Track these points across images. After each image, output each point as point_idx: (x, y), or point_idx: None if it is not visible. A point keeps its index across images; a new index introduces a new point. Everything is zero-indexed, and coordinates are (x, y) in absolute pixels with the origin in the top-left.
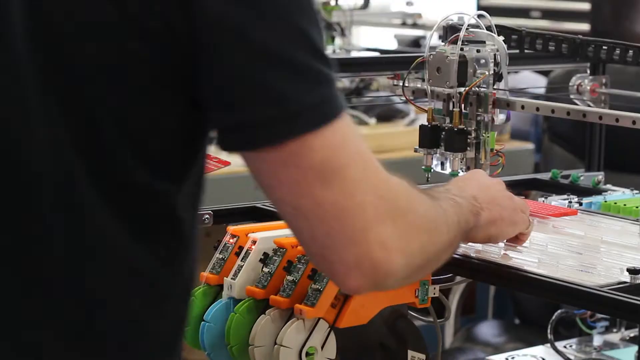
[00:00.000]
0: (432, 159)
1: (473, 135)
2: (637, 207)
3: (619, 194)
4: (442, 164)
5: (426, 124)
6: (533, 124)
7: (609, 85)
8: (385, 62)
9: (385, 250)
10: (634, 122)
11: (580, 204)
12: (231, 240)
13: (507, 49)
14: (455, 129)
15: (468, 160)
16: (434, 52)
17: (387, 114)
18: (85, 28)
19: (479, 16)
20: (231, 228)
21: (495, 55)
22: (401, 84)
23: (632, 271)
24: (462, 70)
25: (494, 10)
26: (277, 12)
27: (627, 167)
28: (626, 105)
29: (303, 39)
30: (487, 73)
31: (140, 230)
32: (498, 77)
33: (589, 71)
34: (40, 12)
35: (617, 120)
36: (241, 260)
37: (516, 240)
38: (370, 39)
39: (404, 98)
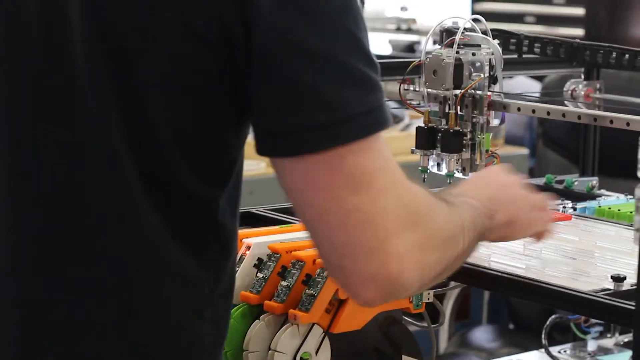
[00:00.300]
0: (428, 159)
1: (469, 136)
2: (631, 213)
3: (613, 199)
4: (438, 164)
5: (423, 125)
6: (528, 129)
7: (603, 90)
8: (381, 68)
9: (402, 264)
10: (627, 124)
11: (575, 209)
12: None
13: (505, 53)
14: (452, 131)
15: (464, 161)
16: (431, 56)
17: None
18: (143, 32)
19: (475, 20)
20: None
21: (490, 58)
22: (411, 88)
23: (616, 279)
24: (458, 73)
25: (489, 16)
26: (329, 16)
27: (621, 172)
28: (621, 109)
29: (354, 44)
30: (482, 76)
31: (185, 235)
32: (493, 80)
33: (583, 76)
34: (101, 15)
35: (611, 122)
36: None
37: (536, 236)
38: None
39: (398, 103)
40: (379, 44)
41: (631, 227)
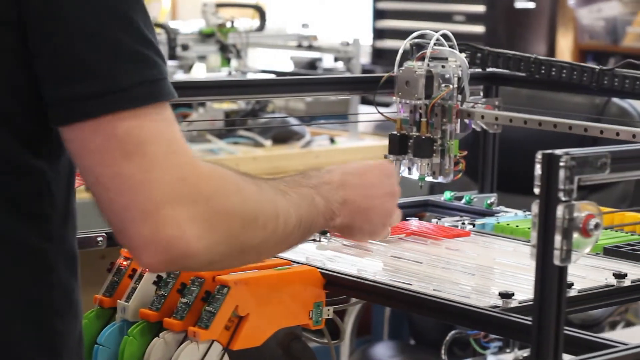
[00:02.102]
0: (400, 164)
1: (439, 142)
2: (528, 229)
3: (511, 216)
4: (409, 169)
5: (395, 133)
6: None
7: (501, 108)
8: (281, 84)
9: (180, 230)
10: (555, 126)
11: (473, 225)
12: (125, 263)
13: (471, 67)
14: (423, 137)
15: (434, 165)
16: (403, 68)
17: (282, 136)
18: None
19: (443, 36)
20: (125, 250)
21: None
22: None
23: (504, 295)
24: (429, 84)
25: (389, 33)
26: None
27: (519, 188)
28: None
29: (127, 23)
30: (451, 87)
31: (18, 205)
32: (460, 90)
33: (482, 93)
34: None
35: (570, 128)
36: (135, 283)
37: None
38: (266, 61)
39: (298, 120)
40: (281, 61)
41: (529, 243)
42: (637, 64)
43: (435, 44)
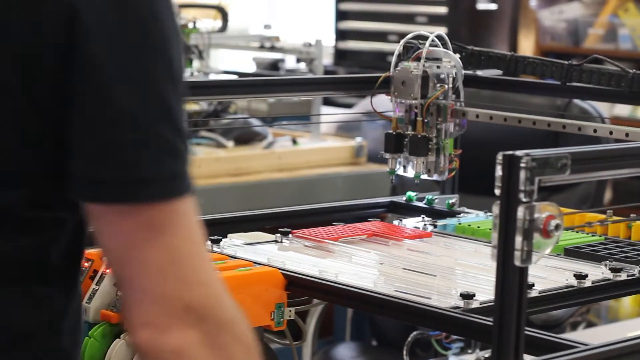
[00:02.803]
0: (396, 162)
1: (434, 141)
2: (490, 229)
3: (472, 217)
4: (404, 167)
5: (391, 132)
6: None
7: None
8: (244, 85)
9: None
10: (534, 123)
11: (435, 226)
12: (86, 264)
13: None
14: (419, 136)
15: (429, 163)
16: (399, 68)
17: (245, 137)
18: None
19: (438, 37)
20: (86, 251)
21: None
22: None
23: (465, 296)
24: (425, 84)
25: (352, 34)
26: (146, 78)
27: (480, 189)
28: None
29: (166, 112)
30: (446, 86)
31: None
32: (455, 90)
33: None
34: None
35: (533, 123)
36: (96, 284)
37: None
38: (228, 62)
39: (260, 121)
40: (243, 62)
41: (490, 244)
42: (603, 60)
43: (413, 45)
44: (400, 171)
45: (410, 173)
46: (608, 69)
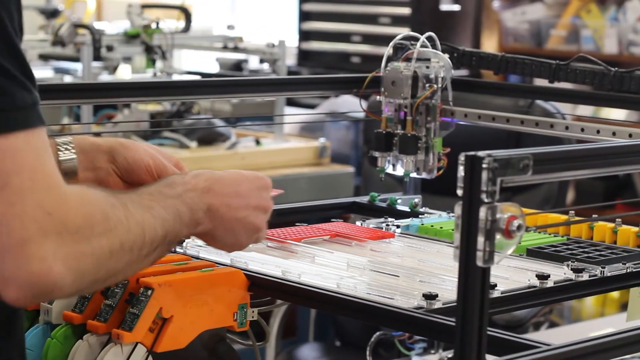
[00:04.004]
0: (385, 161)
1: (423, 140)
2: (452, 230)
3: (435, 217)
4: (394, 165)
5: (381, 130)
6: (353, 147)
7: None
8: (207, 86)
9: (46, 265)
10: (522, 122)
11: (398, 227)
12: None
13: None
14: (408, 135)
15: (418, 162)
16: (389, 68)
17: (208, 138)
18: None
19: (428, 38)
20: None
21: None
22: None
23: (428, 296)
24: (415, 83)
25: (315, 35)
26: None
27: (443, 190)
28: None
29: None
30: (435, 86)
31: None
32: (443, 89)
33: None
34: None
35: (536, 124)
36: None
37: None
38: (191, 63)
39: (223, 122)
40: (206, 63)
41: (452, 244)
42: (589, 59)
43: (401, 45)
44: (389, 169)
45: (399, 171)
46: (593, 67)
